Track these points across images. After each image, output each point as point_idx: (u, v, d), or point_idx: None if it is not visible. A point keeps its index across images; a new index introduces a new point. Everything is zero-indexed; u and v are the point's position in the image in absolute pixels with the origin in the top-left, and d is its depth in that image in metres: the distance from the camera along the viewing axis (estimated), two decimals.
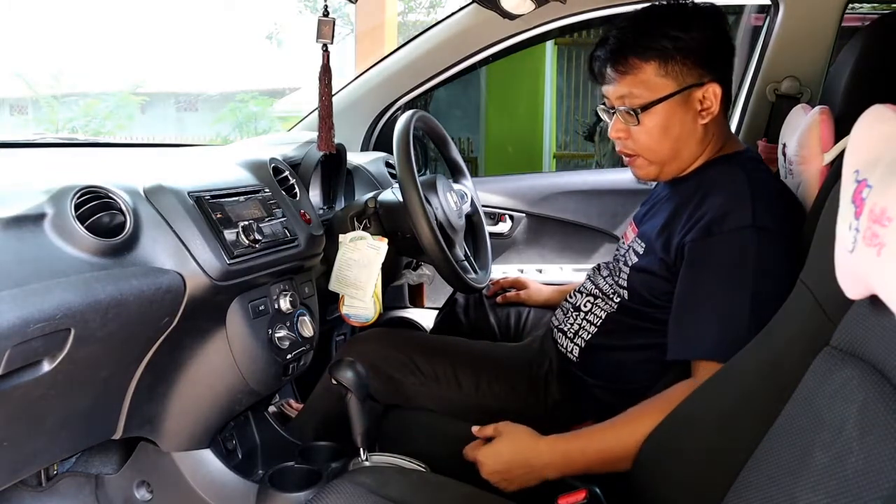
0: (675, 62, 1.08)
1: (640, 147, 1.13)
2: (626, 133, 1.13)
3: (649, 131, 1.11)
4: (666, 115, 1.10)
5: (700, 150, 1.13)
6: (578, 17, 1.78)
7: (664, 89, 1.09)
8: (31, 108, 8.57)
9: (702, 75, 1.09)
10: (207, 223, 1.05)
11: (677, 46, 1.07)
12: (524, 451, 1.05)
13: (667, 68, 1.08)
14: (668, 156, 1.13)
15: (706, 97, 1.10)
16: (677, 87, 1.09)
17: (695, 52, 1.08)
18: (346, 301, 1.43)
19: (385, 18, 4.06)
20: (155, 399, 1.12)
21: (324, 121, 1.28)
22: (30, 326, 0.76)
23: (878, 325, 0.62)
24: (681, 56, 1.08)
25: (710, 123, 1.11)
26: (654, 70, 1.08)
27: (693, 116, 1.10)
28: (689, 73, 1.08)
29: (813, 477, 0.61)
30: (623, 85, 1.10)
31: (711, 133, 1.13)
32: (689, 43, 1.07)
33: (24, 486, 1.26)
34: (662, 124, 1.10)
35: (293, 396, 1.62)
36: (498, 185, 2.04)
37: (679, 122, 1.10)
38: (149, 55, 10.61)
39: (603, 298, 1.22)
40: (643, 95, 1.09)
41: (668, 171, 1.15)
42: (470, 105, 5.45)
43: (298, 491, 1.10)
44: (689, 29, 1.08)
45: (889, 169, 0.56)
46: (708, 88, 1.09)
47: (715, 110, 1.10)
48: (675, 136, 1.11)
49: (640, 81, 1.09)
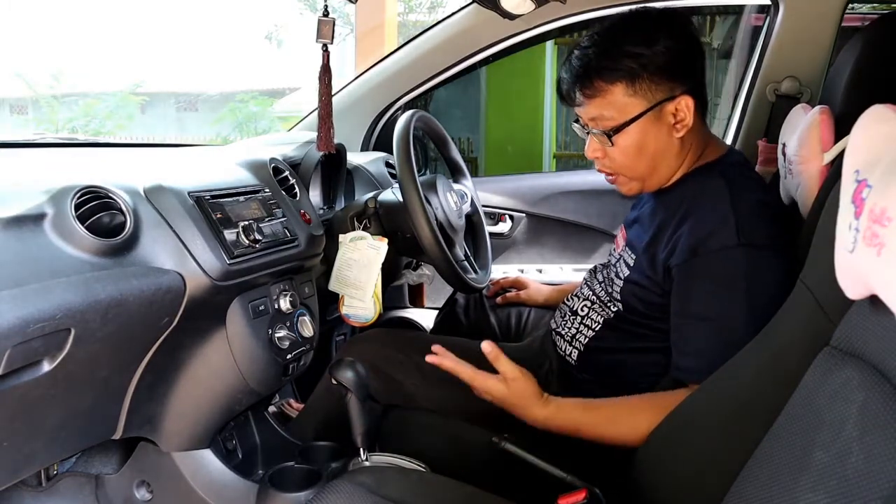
0: (642, 80, 1.05)
1: (617, 166, 1.12)
2: (602, 152, 1.12)
3: (624, 151, 1.09)
4: (640, 134, 1.08)
5: (679, 161, 1.12)
6: (578, 17, 1.78)
7: (634, 109, 1.06)
8: (31, 108, 8.57)
9: (672, 88, 1.06)
10: (207, 223, 1.05)
11: (642, 64, 1.04)
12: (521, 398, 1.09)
13: (635, 88, 1.05)
14: (647, 172, 1.12)
15: (679, 110, 1.07)
16: (648, 104, 1.06)
17: (662, 67, 1.05)
18: (345, 301, 1.43)
19: (385, 18, 4.06)
20: (155, 399, 1.12)
21: (324, 121, 1.28)
22: (30, 326, 0.76)
23: (878, 325, 0.62)
24: (647, 74, 1.05)
25: (686, 135, 1.09)
26: (623, 91, 1.06)
27: (667, 131, 1.08)
28: (658, 88, 1.06)
29: (813, 477, 0.61)
30: (593, 107, 1.08)
31: (689, 143, 1.11)
32: (655, 58, 1.04)
33: (24, 486, 1.26)
34: (637, 143, 1.08)
35: (293, 396, 1.62)
36: (498, 185, 2.04)
37: (654, 139, 1.08)
38: (149, 55, 10.61)
39: (599, 304, 1.23)
40: (614, 117, 1.07)
41: (650, 184, 1.15)
42: (470, 105, 5.45)
43: (298, 491, 1.10)
44: (654, 43, 1.05)
45: (889, 169, 0.56)
46: (680, 101, 1.06)
47: (689, 122, 1.08)
48: (651, 152, 1.09)
49: (608, 103, 1.06)
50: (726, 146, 1.17)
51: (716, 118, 4.16)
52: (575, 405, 1.09)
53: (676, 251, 1.04)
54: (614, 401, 1.07)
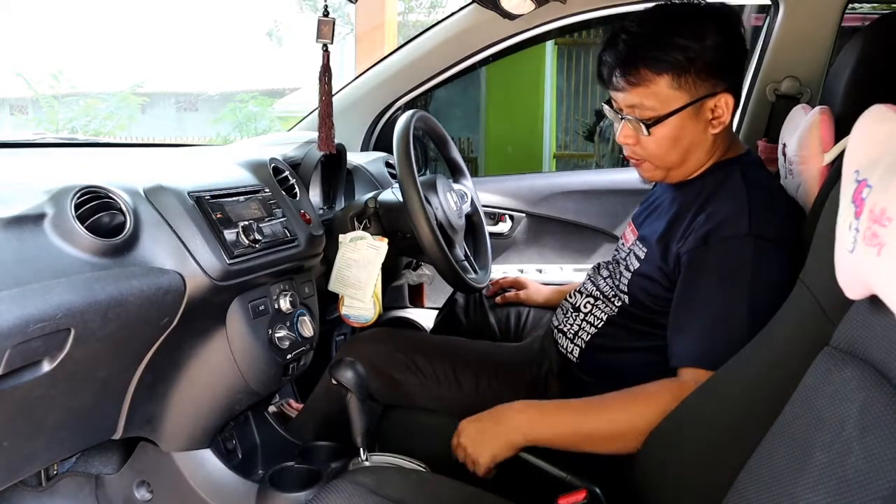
0: (688, 74, 1.04)
1: (648, 154, 1.11)
2: (634, 140, 1.11)
3: (658, 142, 1.09)
4: (677, 127, 1.07)
5: (708, 157, 1.12)
6: (578, 17, 1.78)
7: (676, 102, 1.05)
8: (31, 108, 8.57)
9: (715, 85, 1.06)
10: (207, 223, 1.05)
11: (690, 58, 1.03)
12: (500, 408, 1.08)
13: (680, 81, 1.04)
14: (676, 163, 1.12)
15: (718, 107, 1.07)
16: (690, 99, 1.05)
17: (709, 63, 1.04)
18: (345, 301, 1.43)
19: (385, 18, 4.05)
20: (155, 399, 1.12)
21: (324, 121, 1.29)
22: (30, 326, 0.76)
23: (878, 325, 0.62)
24: (694, 68, 1.04)
25: (720, 132, 1.09)
26: (668, 83, 1.05)
27: (704, 126, 1.08)
28: (702, 84, 1.05)
29: (813, 477, 0.61)
30: (634, 95, 1.07)
31: (720, 140, 1.11)
32: (704, 54, 1.03)
33: (24, 486, 1.26)
34: (673, 135, 1.08)
35: (293, 396, 1.62)
36: (498, 185, 2.04)
37: (690, 133, 1.08)
38: (149, 55, 10.62)
39: (603, 300, 1.22)
40: (655, 108, 1.06)
41: (674, 175, 1.14)
42: (470, 105, 5.45)
43: (298, 491, 1.10)
44: (704, 38, 1.04)
45: (889, 169, 0.56)
46: (721, 98, 1.06)
47: (726, 120, 1.08)
48: (685, 146, 1.09)
49: (651, 94, 1.05)
50: (745, 146, 1.17)
51: None
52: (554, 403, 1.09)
53: (689, 239, 1.05)
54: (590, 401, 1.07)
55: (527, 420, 1.05)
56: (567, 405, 1.07)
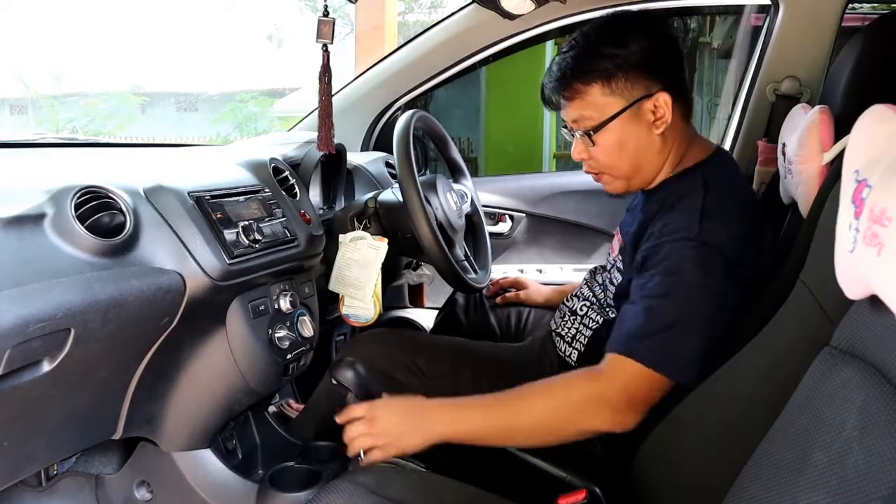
0: (617, 80, 1.07)
1: (601, 165, 1.14)
2: (587, 153, 1.14)
3: (606, 150, 1.11)
4: (619, 132, 1.10)
5: (662, 159, 1.13)
6: (578, 17, 1.78)
7: (613, 108, 1.08)
8: (31, 108, 8.58)
9: (648, 86, 1.08)
10: (207, 223, 1.05)
11: (617, 64, 1.07)
12: (415, 401, 1.07)
13: (611, 87, 1.08)
14: (630, 170, 1.13)
15: (657, 107, 1.09)
16: (625, 102, 1.08)
17: (636, 66, 1.07)
18: (345, 301, 1.43)
19: (385, 18, 4.05)
20: (155, 399, 1.12)
21: (324, 121, 1.29)
22: (30, 326, 0.76)
23: (878, 326, 0.62)
24: (622, 73, 1.07)
25: (667, 132, 1.11)
26: (599, 91, 1.08)
27: (647, 128, 1.10)
28: (634, 86, 1.08)
29: (813, 477, 0.61)
30: (573, 109, 1.11)
31: (671, 141, 1.12)
32: (629, 58, 1.07)
33: (24, 486, 1.26)
34: (618, 141, 1.10)
35: (293, 396, 1.62)
36: (498, 185, 2.04)
37: (634, 136, 1.10)
38: (149, 56, 10.63)
39: (598, 305, 1.23)
40: (593, 116, 1.09)
41: (634, 184, 1.16)
42: (470, 105, 5.45)
43: (298, 491, 1.10)
44: (627, 43, 1.07)
45: (889, 169, 0.56)
46: (658, 98, 1.08)
47: (668, 118, 1.09)
48: (633, 150, 1.11)
49: (587, 104, 1.09)
50: (713, 146, 1.17)
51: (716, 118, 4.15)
52: (471, 398, 1.07)
53: (646, 245, 1.07)
54: (505, 394, 1.05)
55: (447, 416, 1.04)
56: (483, 399, 1.06)
